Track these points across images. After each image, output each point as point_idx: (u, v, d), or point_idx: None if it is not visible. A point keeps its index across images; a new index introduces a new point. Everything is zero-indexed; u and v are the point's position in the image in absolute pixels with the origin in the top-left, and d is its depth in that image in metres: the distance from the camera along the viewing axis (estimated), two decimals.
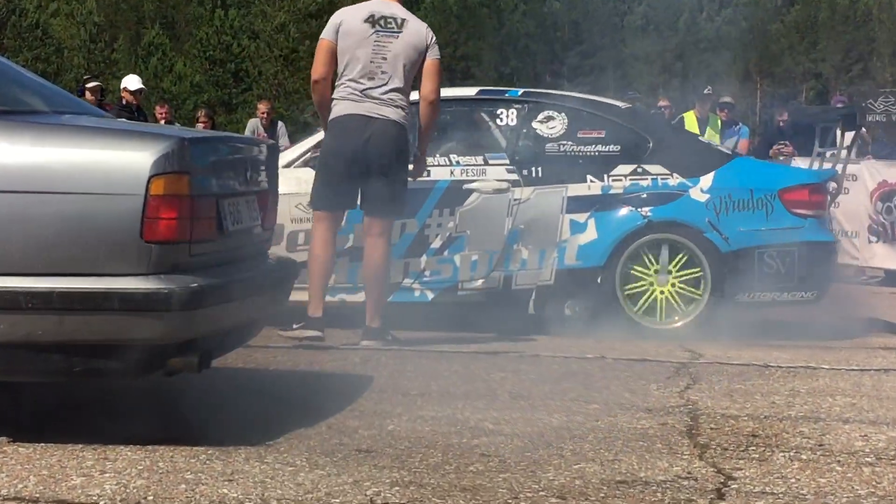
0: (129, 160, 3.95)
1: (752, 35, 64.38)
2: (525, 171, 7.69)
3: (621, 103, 9.03)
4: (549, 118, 7.90)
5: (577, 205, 7.71)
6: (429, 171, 7.27)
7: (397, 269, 7.36)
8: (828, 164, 10.29)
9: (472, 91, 8.86)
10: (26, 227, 3.92)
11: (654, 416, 4.90)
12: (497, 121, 7.92)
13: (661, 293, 7.62)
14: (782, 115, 18.02)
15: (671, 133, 9.21)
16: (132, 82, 14.57)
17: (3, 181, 3.90)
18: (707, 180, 7.73)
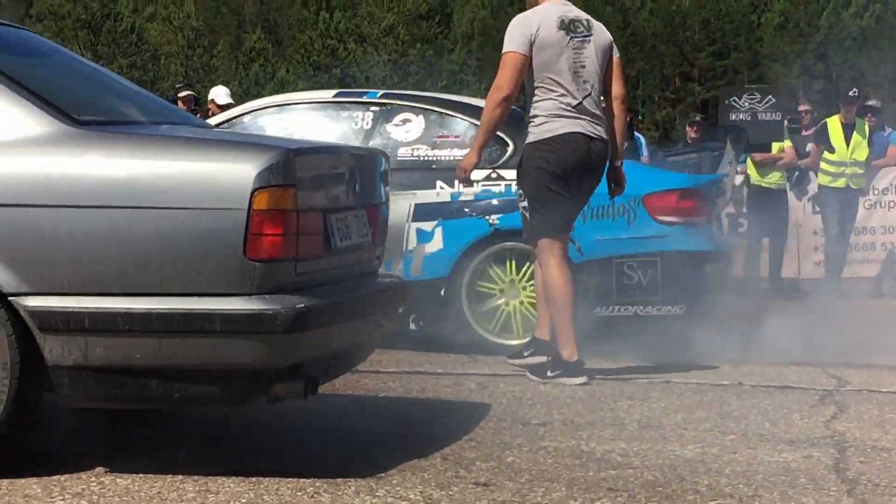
0: (231, 173, 3.89)
1: None
2: None
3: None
4: (405, 121, 7.71)
5: (424, 213, 7.48)
6: None
7: None
8: None
9: (329, 94, 8.73)
10: (122, 244, 3.89)
11: (797, 449, 4.65)
12: (353, 124, 7.80)
13: (514, 307, 7.34)
14: None
15: None
16: (220, 96, 14.34)
17: (99, 196, 3.87)
18: None
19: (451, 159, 7.44)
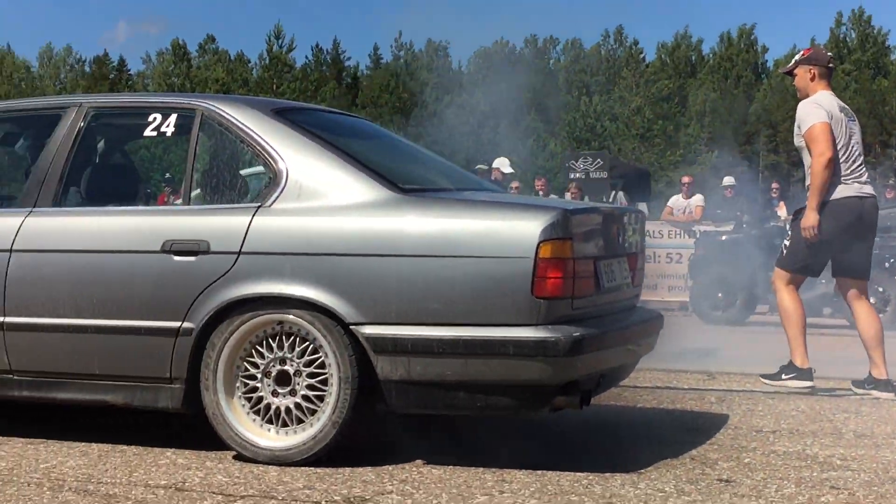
0: (521, 229, 4.35)
1: None
2: None
3: None
4: None
5: None
6: None
7: None
8: None
9: None
10: (436, 285, 4.38)
11: None
12: None
13: None
14: None
15: None
16: (504, 165, 15.30)
17: (418, 247, 4.40)
18: None
19: None
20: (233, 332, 4.58)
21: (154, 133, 5.12)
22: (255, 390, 4.62)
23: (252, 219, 4.62)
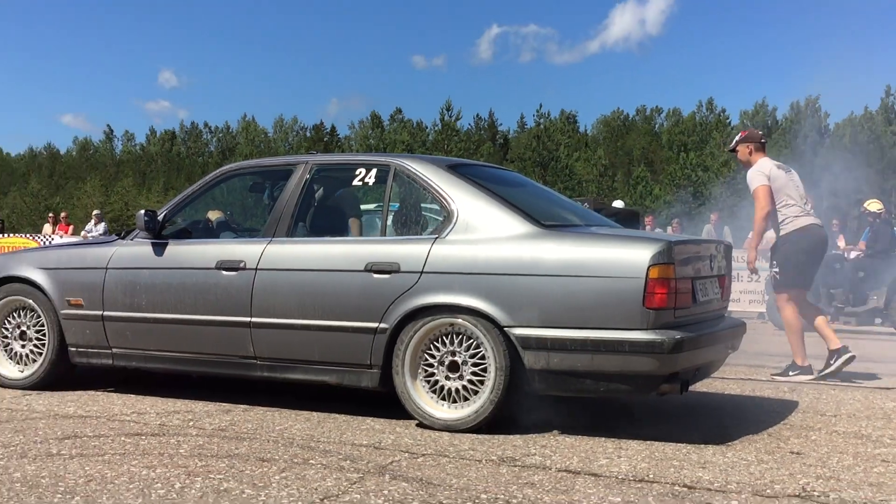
0: (635, 256, 4.33)
1: None
2: None
3: None
4: None
5: None
6: None
7: None
8: None
9: None
10: (569, 297, 4.37)
11: None
12: None
13: None
14: None
15: None
16: (619, 204, 15.31)
17: (555, 269, 4.41)
18: None
19: None
20: (416, 331, 4.64)
21: (360, 183, 5.22)
22: (432, 375, 4.67)
23: (431, 247, 4.68)
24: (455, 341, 4.61)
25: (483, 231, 4.65)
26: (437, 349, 4.64)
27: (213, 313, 5.10)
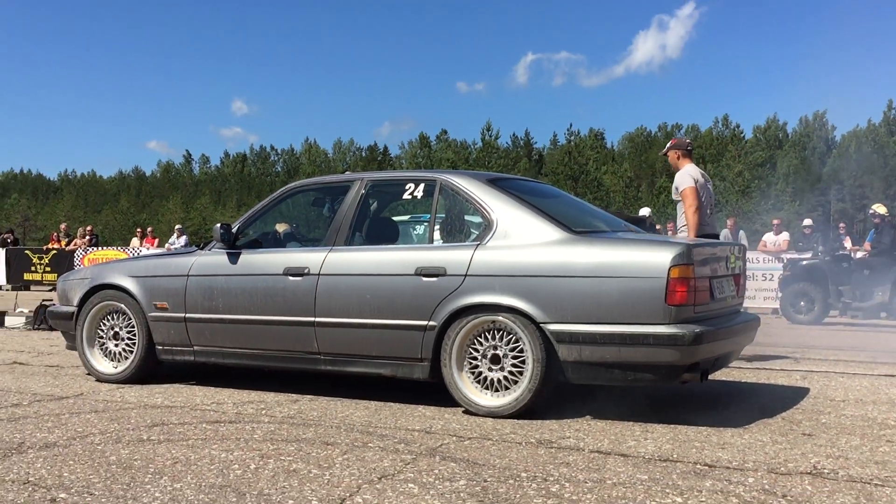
0: (657, 258, 4.31)
1: None
2: None
3: None
4: None
5: None
6: None
7: None
8: None
9: None
10: (598, 296, 4.34)
11: None
12: None
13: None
14: None
15: None
16: (645, 211, 15.16)
17: (585, 270, 4.39)
18: None
19: None
20: (462, 328, 4.65)
21: (409, 197, 5.24)
22: (476, 367, 4.67)
23: (474, 252, 4.69)
24: (496, 337, 4.61)
25: (520, 238, 4.63)
26: (481, 343, 4.64)
27: (281, 314, 5.15)
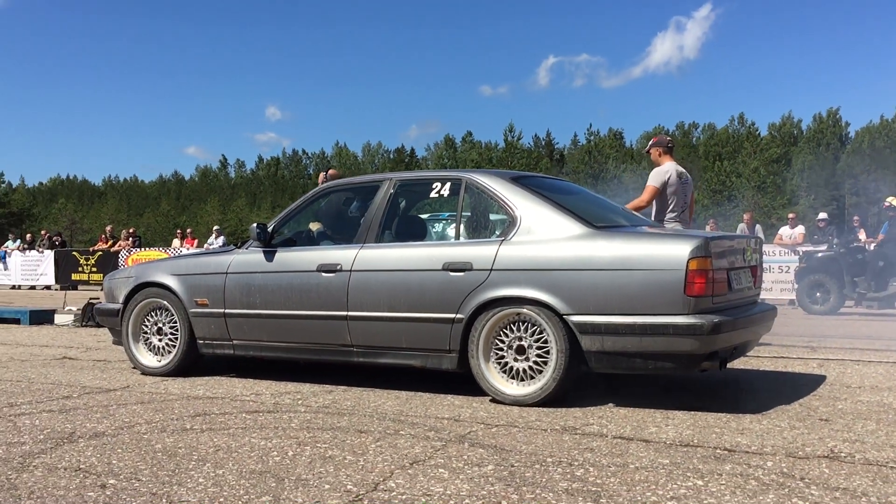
0: (676, 250, 4.28)
1: None
2: None
3: None
4: None
5: None
6: None
7: None
8: None
9: None
10: (620, 288, 4.32)
11: None
12: None
13: None
14: None
15: None
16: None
17: (607, 263, 4.36)
18: None
19: None
20: (488, 320, 4.64)
21: (436, 195, 5.24)
22: (502, 357, 4.66)
23: (499, 248, 4.68)
24: (521, 328, 4.60)
25: (543, 233, 4.62)
26: (506, 335, 4.64)
27: (315, 309, 5.18)
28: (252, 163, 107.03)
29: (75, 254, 23.39)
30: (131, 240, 23.62)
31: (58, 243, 24.96)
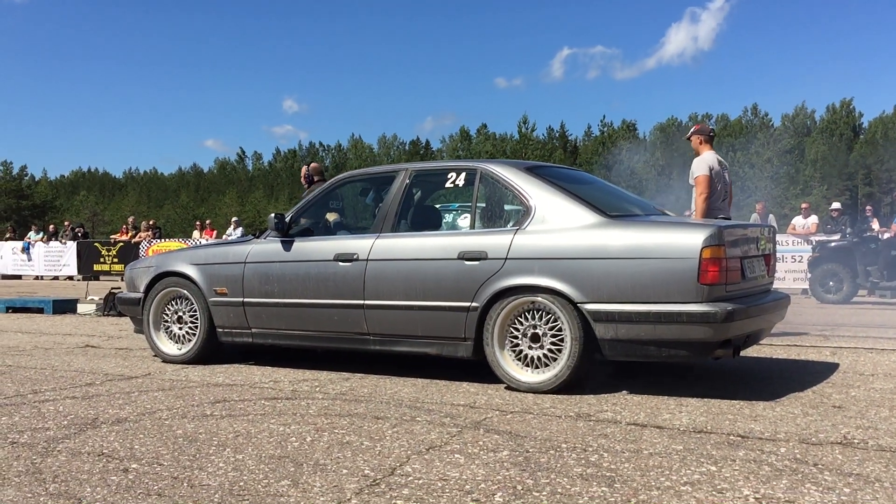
0: (690, 239, 4.26)
1: None
2: None
3: None
4: None
5: None
6: None
7: None
8: None
9: None
10: (634, 276, 4.27)
11: None
12: None
13: None
14: None
15: None
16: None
17: (620, 252, 4.35)
18: None
19: None
20: (503, 308, 4.64)
21: (451, 185, 5.23)
22: (517, 345, 4.66)
23: (514, 237, 4.67)
24: (536, 316, 4.59)
25: (557, 222, 4.60)
26: (521, 323, 4.63)
27: (332, 297, 5.19)
28: (269, 155, 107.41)
29: (97, 245, 23.55)
30: (152, 231, 23.74)
31: (80, 234, 25.13)
